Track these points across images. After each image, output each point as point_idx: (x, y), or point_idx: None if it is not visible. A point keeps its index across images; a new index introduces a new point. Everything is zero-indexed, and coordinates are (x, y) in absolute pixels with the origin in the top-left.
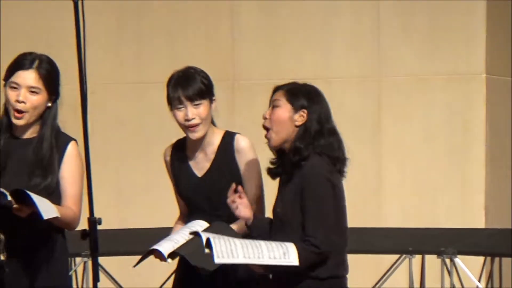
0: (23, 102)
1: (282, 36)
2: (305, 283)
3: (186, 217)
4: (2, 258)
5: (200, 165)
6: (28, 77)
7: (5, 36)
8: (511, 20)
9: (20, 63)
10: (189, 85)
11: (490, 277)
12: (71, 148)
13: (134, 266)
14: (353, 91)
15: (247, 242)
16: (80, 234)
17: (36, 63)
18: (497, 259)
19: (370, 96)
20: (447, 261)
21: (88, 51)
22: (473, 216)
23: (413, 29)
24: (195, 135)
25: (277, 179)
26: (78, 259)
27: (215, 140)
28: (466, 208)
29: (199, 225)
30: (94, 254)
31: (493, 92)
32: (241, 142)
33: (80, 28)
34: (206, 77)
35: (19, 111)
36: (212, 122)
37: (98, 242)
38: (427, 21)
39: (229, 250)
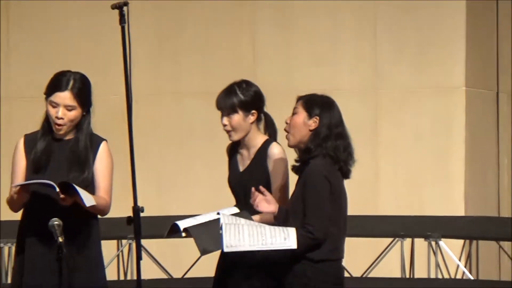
0: (61, 118)
1: (295, 54)
2: (300, 264)
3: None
4: (60, 240)
5: (244, 161)
6: (65, 97)
7: (67, 51)
8: (496, 40)
9: (57, 84)
10: (224, 99)
11: (468, 257)
12: (103, 147)
13: (165, 237)
14: (354, 101)
15: (255, 230)
16: (126, 220)
17: (71, 84)
18: (474, 242)
19: (369, 105)
20: (433, 243)
21: (132, 66)
22: (454, 205)
23: (404, 49)
24: (230, 139)
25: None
26: (124, 241)
27: (257, 143)
28: (449, 199)
29: (229, 211)
30: (137, 237)
31: (472, 103)
32: (274, 149)
33: (126, 47)
34: (245, 94)
35: (59, 124)
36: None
37: (140, 227)
38: (416, 41)
39: (237, 239)
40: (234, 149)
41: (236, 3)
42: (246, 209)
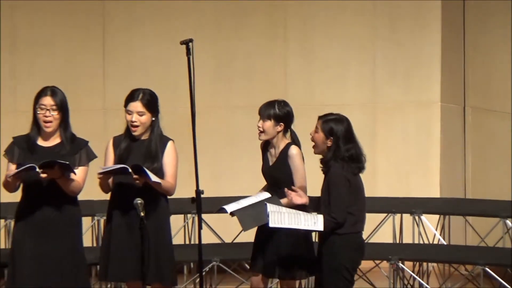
0: (135, 121)
1: (315, 77)
2: (331, 237)
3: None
4: (142, 214)
5: (272, 158)
6: (136, 106)
7: (148, 72)
8: (463, 62)
9: (131, 97)
10: (264, 108)
11: (442, 228)
12: (169, 145)
13: (215, 213)
14: (358, 113)
15: (293, 213)
16: (190, 200)
17: (140, 96)
18: (447, 217)
19: (369, 116)
20: (416, 218)
21: (195, 85)
22: (432, 190)
23: (395, 73)
24: (259, 138)
25: None
26: (189, 215)
27: (281, 145)
28: (428, 185)
29: (264, 195)
30: (199, 212)
31: (445, 114)
32: (292, 150)
33: (191, 71)
34: (280, 109)
35: (134, 126)
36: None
37: (201, 204)
38: (404, 67)
39: (280, 219)
40: (266, 147)
41: (271, 39)
42: (275, 193)
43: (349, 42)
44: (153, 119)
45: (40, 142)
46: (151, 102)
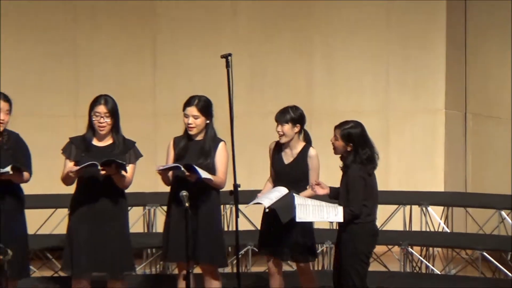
0: (191, 124)
1: (336, 87)
2: (350, 226)
3: (272, 181)
4: (187, 205)
5: (287, 157)
6: (192, 110)
7: (195, 80)
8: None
9: (188, 102)
10: (281, 114)
11: (446, 218)
12: (220, 146)
13: (247, 205)
14: (373, 118)
15: (317, 205)
16: (229, 192)
17: (196, 102)
18: (450, 208)
19: (382, 121)
20: (424, 209)
21: (233, 94)
22: (438, 185)
23: (406, 83)
24: (281, 141)
25: None
26: (227, 206)
27: (298, 146)
28: (434, 181)
29: (283, 189)
30: (236, 203)
31: (449, 120)
32: (311, 152)
33: (230, 82)
34: (295, 113)
35: (190, 128)
36: (301, 136)
37: (238, 196)
38: (413, 78)
39: (306, 212)
40: (278, 148)
41: (297, 54)
42: (289, 188)
43: (366, 57)
44: (207, 122)
45: (95, 142)
46: (205, 107)
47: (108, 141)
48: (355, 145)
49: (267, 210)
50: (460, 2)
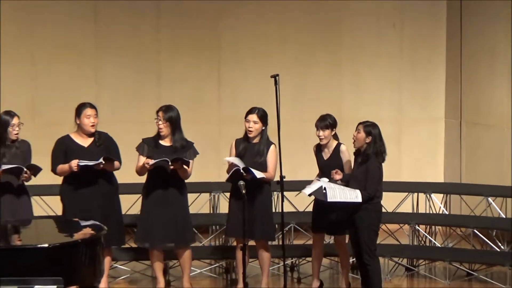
0: (251, 127)
1: (362, 98)
2: (364, 205)
3: (319, 175)
4: (244, 192)
5: (326, 154)
6: (252, 117)
7: (257, 91)
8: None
9: (250, 111)
10: (321, 121)
11: (445, 203)
12: (272, 148)
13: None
14: (389, 124)
15: (341, 191)
16: (276, 182)
17: (256, 111)
18: (449, 195)
19: (396, 126)
20: (428, 196)
21: (280, 104)
22: (438, 177)
23: (415, 95)
24: (321, 142)
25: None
26: (275, 193)
27: (333, 145)
28: (435, 174)
29: (324, 179)
30: (282, 190)
31: (448, 127)
32: (342, 147)
33: (278, 96)
34: (331, 119)
35: (250, 131)
36: (335, 138)
37: (283, 185)
38: (422, 91)
39: (333, 194)
40: (319, 148)
41: (330, 74)
42: (329, 179)
43: (383, 76)
44: (263, 128)
45: (162, 142)
46: (262, 116)
47: (171, 141)
48: (374, 138)
49: (308, 196)
50: (457, 32)
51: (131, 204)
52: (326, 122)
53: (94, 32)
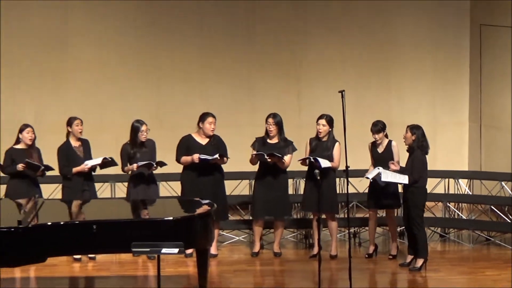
0: (321, 129)
1: (404, 106)
2: (411, 188)
3: (372, 165)
4: (318, 178)
5: (379, 148)
6: (322, 121)
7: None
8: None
9: (320, 117)
10: (375, 126)
11: (469, 186)
12: (336, 144)
13: (360, 179)
14: (427, 127)
15: (393, 175)
16: (342, 170)
17: (325, 117)
18: (472, 180)
19: (432, 128)
20: (456, 181)
21: None
22: (464, 167)
23: (443, 102)
24: (377, 142)
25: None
26: (341, 179)
27: (385, 142)
28: (462, 164)
29: (379, 168)
30: (347, 176)
31: (471, 130)
32: (393, 143)
33: (343, 105)
34: (382, 124)
35: (320, 132)
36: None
37: (348, 173)
38: (450, 101)
39: (386, 176)
40: (374, 145)
41: (381, 89)
42: (385, 166)
43: (422, 90)
44: (330, 129)
45: (269, 140)
46: (329, 121)
47: (275, 139)
48: (417, 136)
49: (371, 180)
50: (477, 57)
51: (233, 188)
52: (378, 127)
53: (198, 58)
